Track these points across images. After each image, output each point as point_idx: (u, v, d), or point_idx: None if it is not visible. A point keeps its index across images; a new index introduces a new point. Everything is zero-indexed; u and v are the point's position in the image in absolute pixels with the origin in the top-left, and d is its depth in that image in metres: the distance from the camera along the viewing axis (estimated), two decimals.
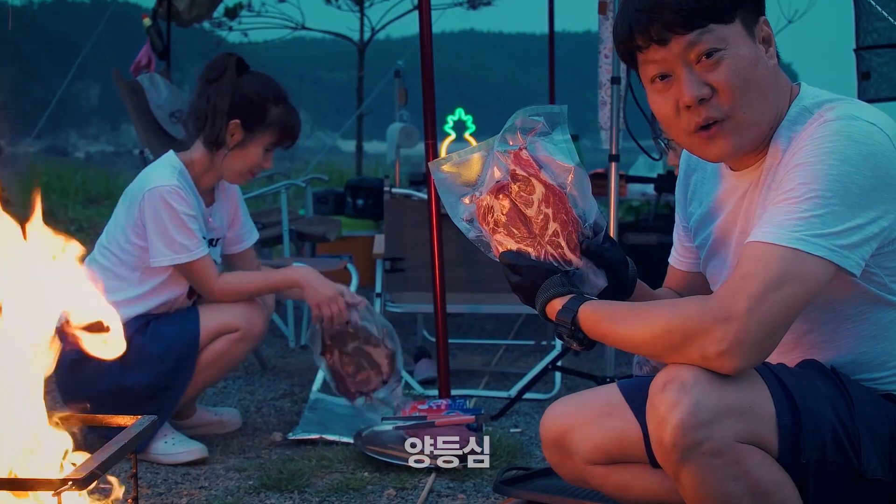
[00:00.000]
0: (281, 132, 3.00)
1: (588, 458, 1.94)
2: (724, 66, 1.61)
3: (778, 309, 1.49)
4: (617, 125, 3.66)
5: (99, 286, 2.94)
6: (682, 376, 1.52)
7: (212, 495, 2.63)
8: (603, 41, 5.09)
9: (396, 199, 4.09)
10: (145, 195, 2.88)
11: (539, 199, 1.72)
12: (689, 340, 1.52)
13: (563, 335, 1.68)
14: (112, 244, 2.97)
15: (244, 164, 3.00)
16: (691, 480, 1.55)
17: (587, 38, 9.59)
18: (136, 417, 1.88)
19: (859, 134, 1.55)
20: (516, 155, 1.72)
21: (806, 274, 1.50)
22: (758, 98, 1.63)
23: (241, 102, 2.96)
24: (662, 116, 1.70)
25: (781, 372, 1.62)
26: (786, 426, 1.55)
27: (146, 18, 5.44)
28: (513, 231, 1.73)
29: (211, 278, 2.97)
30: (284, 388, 3.84)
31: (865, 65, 4.04)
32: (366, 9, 10.61)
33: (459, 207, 1.77)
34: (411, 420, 3.01)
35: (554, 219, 1.71)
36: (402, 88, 6.08)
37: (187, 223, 2.89)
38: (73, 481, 1.51)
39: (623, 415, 1.90)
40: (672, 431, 1.51)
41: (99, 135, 44.73)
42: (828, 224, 1.50)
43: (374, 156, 14.06)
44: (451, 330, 3.50)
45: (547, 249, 1.72)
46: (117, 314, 1.95)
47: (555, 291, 1.69)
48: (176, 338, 2.91)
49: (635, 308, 1.63)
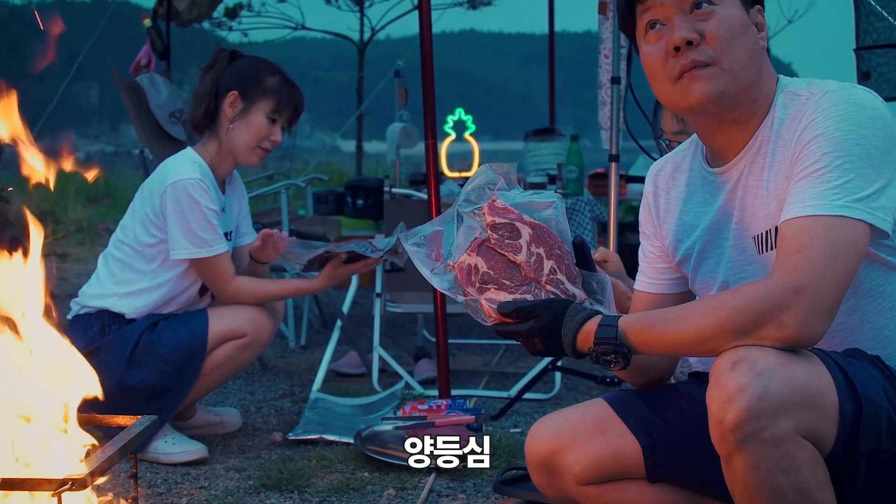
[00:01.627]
0: (279, 98, 3.01)
1: (580, 478, 1.90)
2: (716, 18, 1.68)
3: (840, 275, 1.52)
4: (617, 125, 3.66)
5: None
6: (753, 357, 1.51)
7: (212, 495, 2.63)
8: (603, 41, 5.08)
9: (396, 199, 4.09)
10: (168, 188, 2.89)
11: (528, 241, 1.70)
12: (764, 319, 1.51)
13: (606, 355, 1.63)
14: (129, 237, 2.97)
15: (251, 136, 3.00)
16: (744, 466, 1.53)
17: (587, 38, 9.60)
18: (136, 417, 1.88)
19: (863, 100, 1.62)
20: (491, 205, 1.71)
21: (856, 239, 1.54)
22: (742, 54, 1.68)
23: (235, 75, 3.01)
24: (651, 69, 1.73)
25: (840, 359, 1.62)
26: (847, 414, 1.55)
27: (146, 18, 5.43)
28: (504, 283, 1.69)
29: (226, 277, 2.97)
30: (284, 388, 3.84)
31: (865, 65, 4.04)
32: (366, 9, 10.61)
33: (437, 279, 1.74)
34: (411, 420, 3.01)
35: (548, 256, 1.70)
36: (402, 88, 6.07)
37: (209, 217, 2.90)
38: (73, 481, 1.51)
39: (617, 430, 1.89)
40: (737, 413, 1.49)
41: (99, 135, 44.74)
42: (860, 187, 1.55)
43: (374, 156, 14.05)
44: (451, 330, 3.50)
45: (548, 289, 1.70)
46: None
47: (584, 314, 1.66)
48: (183, 340, 2.91)
49: (682, 308, 1.64)
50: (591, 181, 5.20)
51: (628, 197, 5.46)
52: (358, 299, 4.63)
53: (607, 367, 1.65)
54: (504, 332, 1.72)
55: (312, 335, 4.78)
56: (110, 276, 2.97)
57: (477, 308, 1.72)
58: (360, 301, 4.98)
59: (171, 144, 4.40)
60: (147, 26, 5.37)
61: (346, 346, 4.23)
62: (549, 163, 4.93)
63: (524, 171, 5.13)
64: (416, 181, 4.69)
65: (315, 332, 4.86)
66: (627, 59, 3.81)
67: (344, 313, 4.00)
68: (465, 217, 1.71)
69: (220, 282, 2.97)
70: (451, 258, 1.71)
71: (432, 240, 1.75)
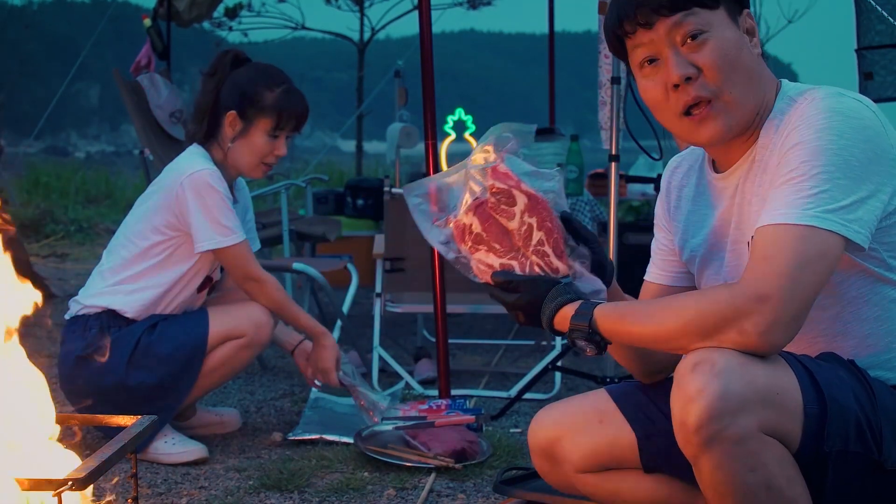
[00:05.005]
0: (278, 115, 2.96)
1: (579, 466, 1.93)
2: (709, 46, 1.65)
3: (806, 286, 1.51)
4: (617, 125, 3.66)
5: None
6: (713, 359, 1.52)
7: (212, 495, 2.63)
8: (603, 41, 5.08)
9: (396, 199, 4.09)
10: (185, 180, 2.86)
11: (521, 210, 1.72)
12: (726, 324, 1.52)
13: (579, 340, 1.66)
14: (135, 235, 2.95)
15: (252, 155, 2.98)
16: (710, 466, 1.54)
17: (587, 38, 9.59)
18: (136, 417, 1.88)
19: (849, 109, 1.59)
20: (494, 169, 1.73)
21: (825, 250, 1.53)
22: (743, 78, 1.66)
23: (233, 93, 2.96)
24: (653, 102, 1.73)
25: (807, 361, 1.62)
26: (812, 414, 1.55)
27: (146, 19, 5.43)
28: (494, 246, 1.73)
29: (253, 261, 2.94)
30: (284, 388, 3.83)
31: (867, 65, 4.04)
32: (366, 9, 10.60)
33: (435, 231, 1.76)
34: (411, 420, 3.01)
35: (539, 227, 1.72)
36: (402, 88, 6.08)
37: (229, 205, 2.89)
38: (73, 481, 1.51)
39: (615, 421, 1.91)
40: (698, 415, 1.50)
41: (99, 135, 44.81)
42: (835, 198, 1.53)
43: (374, 156, 14.06)
44: (451, 330, 3.49)
45: (532, 259, 1.72)
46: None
47: (563, 299, 1.68)
48: (183, 340, 2.89)
49: (655, 303, 1.66)
50: (591, 181, 5.20)
51: (628, 197, 5.46)
52: (358, 299, 4.63)
53: (583, 353, 1.68)
54: (492, 296, 1.76)
55: None
56: (112, 275, 2.96)
57: (467, 265, 1.76)
58: (360, 301, 4.98)
59: (171, 144, 4.40)
60: (147, 26, 5.38)
61: (346, 346, 4.23)
62: (549, 163, 4.93)
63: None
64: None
65: None
66: None
67: (344, 313, 4.00)
68: (471, 177, 1.74)
69: (249, 266, 2.93)
70: (454, 213, 1.75)
71: (432, 194, 1.78)
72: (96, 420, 1.99)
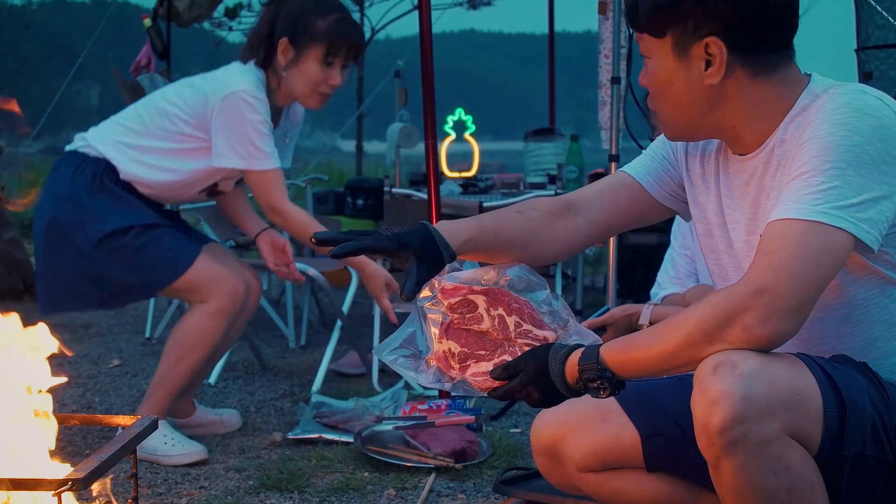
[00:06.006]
0: (329, 42, 2.95)
1: (581, 465, 1.93)
2: (649, 70, 1.73)
3: (807, 278, 1.49)
4: (617, 125, 3.66)
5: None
6: (733, 360, 1.50)
7: (212, 495, 2.63)
8: (603, 41, 5.08)
9: (396, 199, 4.09)
10: (227, 97, 2.85)
11: (485, 308, 1.75)
12: (728, 322, 1.50)
13: (592, 381, 1.63)
14: (167, 113, 2.93)
15: (305, 83, 2.98)
16: (732, 469, 1.53)
17: (587, 38, 9.60)
18: (136, 417, 1.87)
19: (868, 106, 1.57)
20: (442, 290, 1.75)
21: (830, 245, 1.50)
22: (669, 108, 1.73)
23: (287, 20, 2.96)
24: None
25: (825, 364, 1.61)
26: (832, 416, 1.54)
27: (146, 19, 5.44)
28: (480, 354, 1.73)
29: (280, 191, 2.92)
30: (284, 388, 3.84)
31: (867, 65, 4.04)
32: (366, 9, 10.60)
33: (423, 376, 1.76)
34: (411, 420, 3.01)
35: (509, 313, 1.74)
36: (402, 88, 6.07)
37: (266, 129, 2.88)
38: (73, 481, 1.51)
39: (618, 419, 1.90)
40: (723, 417, 1.48)
41: None
42: (845, 195, 1.51)
43: (374, 156, 14.04)
44: None
45: (519, 343, 1.73)
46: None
47: (567, 349, 1.67)
48: (164, 259, 2.85)
49: (655, 326, 1.64)
50: (591, 181, 5.19)
51: None
52: (358, 299, 4.63)
53: (597, 395, 1.64)
54: (501, 395, 1.73)
55: (312, 335, 4.78)
56: (127, 134, 2.94)
57: (467, 386, 1.75)
58: (360, 301, 4.98)
59: None
60: (147, 26, 5.38)
61: (346, 346, 4.23)
62: (549, 163, 4.93)
63: (524, 171, 5.13)
64: (416, 181, 4.69)
65: (315, 332, 4.86)
66: (627, 59, 3.82)
67: (344, 313, 4.00)
68: (427, 311, 1.76)
69: (277, 195, 2.91)
70: (429, 352, 1.76)
71: (407, 343, 1.78)
72: (96, 420, 1.99)
